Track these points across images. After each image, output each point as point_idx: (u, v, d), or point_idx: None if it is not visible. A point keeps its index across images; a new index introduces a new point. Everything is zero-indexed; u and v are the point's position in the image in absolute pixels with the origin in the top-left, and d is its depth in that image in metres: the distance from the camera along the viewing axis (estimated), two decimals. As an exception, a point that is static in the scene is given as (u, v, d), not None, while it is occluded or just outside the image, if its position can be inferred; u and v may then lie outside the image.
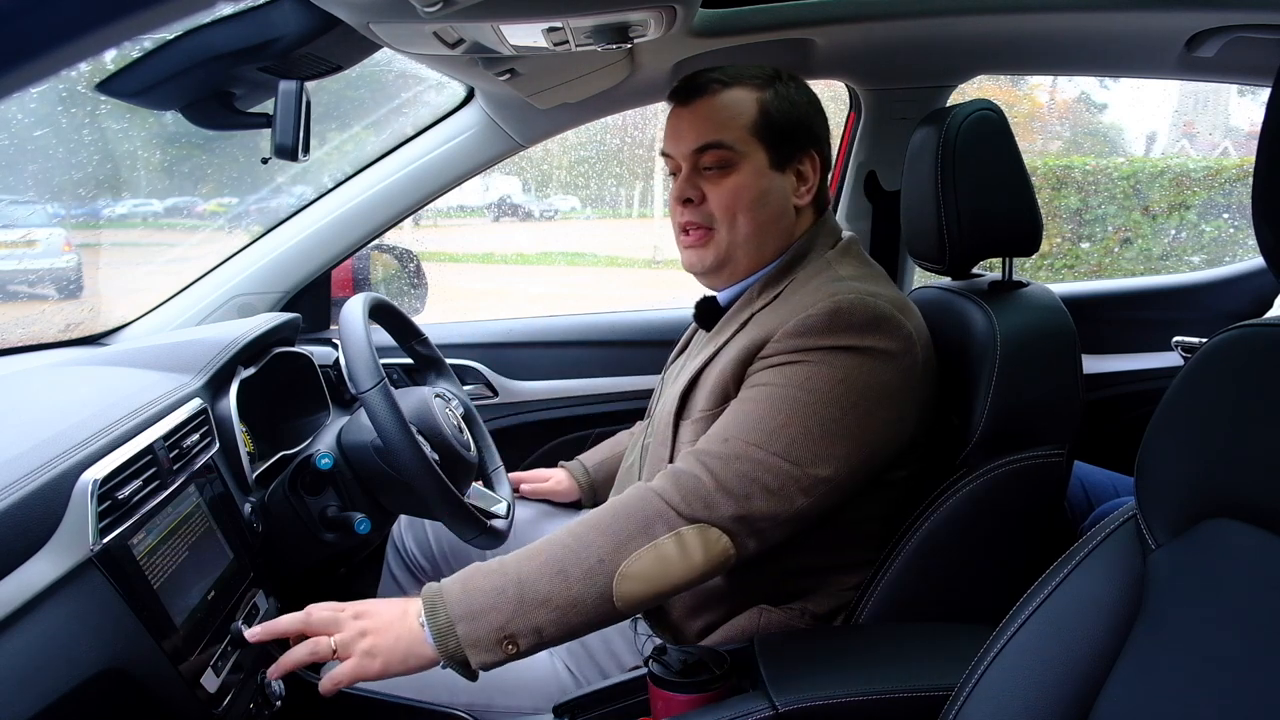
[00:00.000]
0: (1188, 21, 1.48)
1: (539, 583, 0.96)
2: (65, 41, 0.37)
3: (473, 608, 0.95)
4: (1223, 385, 0.64)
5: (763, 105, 1.15)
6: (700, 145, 1.15)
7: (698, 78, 1.17)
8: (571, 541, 0.99)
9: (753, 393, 1.06)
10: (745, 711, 0.94)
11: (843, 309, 1.05)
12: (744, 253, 1.17)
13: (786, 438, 1.01)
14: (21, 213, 2.91)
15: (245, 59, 1.08)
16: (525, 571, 0.97)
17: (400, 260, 2.13)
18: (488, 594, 0.96)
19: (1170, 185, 4.96)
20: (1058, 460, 1.13)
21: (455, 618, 0.95)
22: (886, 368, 1.06)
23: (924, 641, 1.06)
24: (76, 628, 0.81)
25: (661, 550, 0.98)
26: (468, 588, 0.97)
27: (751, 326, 1.13)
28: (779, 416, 1.02)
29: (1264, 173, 0.64)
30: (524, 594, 0.95)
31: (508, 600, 0.95)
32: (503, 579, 0.97)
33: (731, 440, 1.02)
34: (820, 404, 1.02)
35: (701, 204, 1.16)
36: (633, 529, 0.98)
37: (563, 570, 0.96)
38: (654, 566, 0.98)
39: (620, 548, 0.97)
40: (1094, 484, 1.66)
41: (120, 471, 0.91)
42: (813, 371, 1.03)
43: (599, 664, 1.22)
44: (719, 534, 0.99)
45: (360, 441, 1.25)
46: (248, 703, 1.08)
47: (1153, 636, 0.65)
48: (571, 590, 0.96)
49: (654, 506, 0.99)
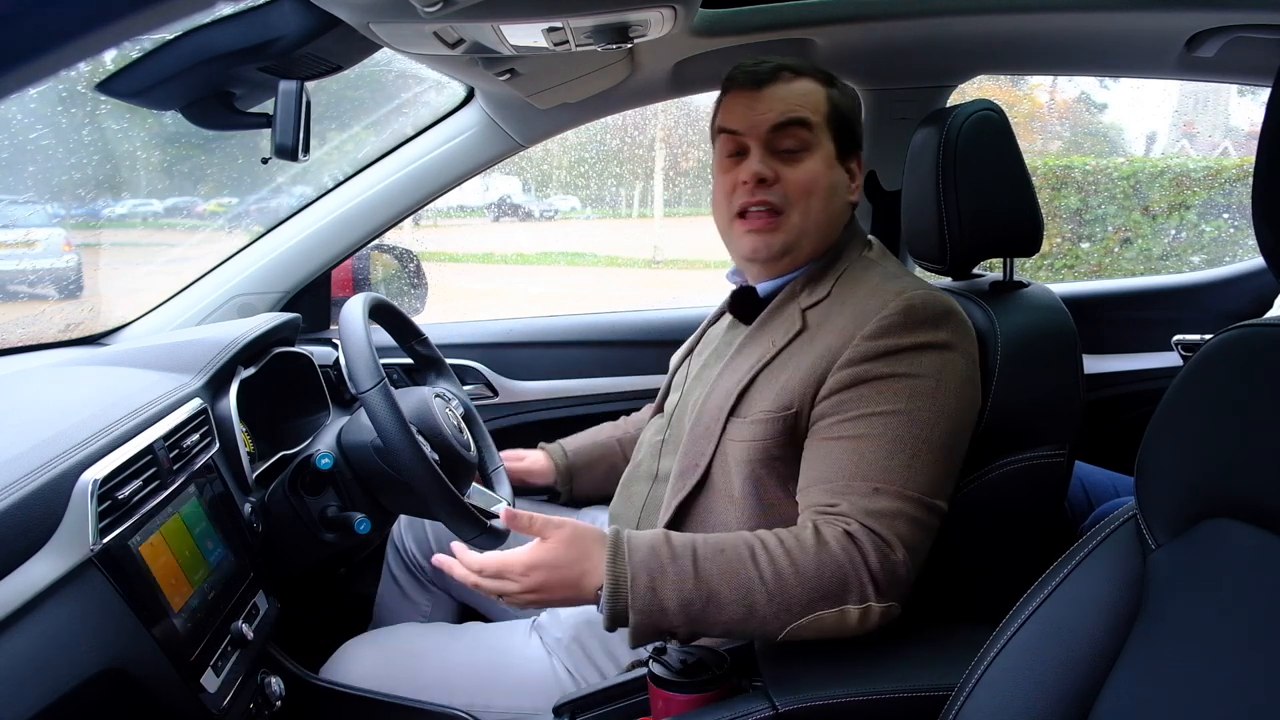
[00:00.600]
0: (1188, 21, 1.48)
1: (725, 608, 0.96)
2: (65, 41, 0.37)
3: (653, 607, 0.95)
4: (1223, 385, 0.64)
5: (831, 98, 1.18)
6: (783, 120, 1.14)
7: (765, 64, 1.17)
8: (771, 578, 0.96)
9: (866, 426, 1.03)
10: (745, 711, 0.93)
11: (916, 305, 1.07)
12: (809, 240, 1.17)
13: (920, 469, 1.01)
14: (21, 213, 2.91)
15: (245, 59, 1.08)
16: (716, 592, 0.96)
17: (400, 260, 2.13)
18: (673, 601, 0.96)
19: (1170, 185, 4.96)
20: (1058, 460, 1.13)
21: (635, 609, 0.95)
22: (961, 359, 1.08)
23: (924, 641, 1.06)
24: (76, 628, 0.81)
25: (846, 616, 0.97)
26: (655, 585, 0.96)
27: (816, 331, 1.12)
28: (907, 448, 1.01)
29: (1264, 173, 0.64)
30: (706, 614, 0.96)
31: (689, 615, 0.96)
32: (694, 593, 0.96)
33: (883, 490, 1.00)
34: (933, 421, 1.03)
35: (775, 184, 1.15)
36: (829, 589, 0.96)
37: (751, 606, 0.96)
38: (832, 628, 0.97)
39: (813, 604, 0.96)
40: (1094, 484, 1.66)
41: (120, 471, 0.91)
42: (912, 385, 1.04)
43: (598, 664, 1.22)
44: (897, 606, 0.99)
45: (360, 441, 1.25)
46: (248, 703, 1.08)
47: (1153, 636, 0.65)
48: (750, 625, 0.97)
49: (857, 575, 0.97)
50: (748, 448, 1.10)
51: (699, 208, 5.90)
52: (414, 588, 1.55)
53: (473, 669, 1.23)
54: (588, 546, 1.00)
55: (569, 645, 1.22)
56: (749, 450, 1.10)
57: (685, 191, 6.13)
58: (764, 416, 1.10)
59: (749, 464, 1.10)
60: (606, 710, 1.06)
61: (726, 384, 1.16)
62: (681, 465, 1.17)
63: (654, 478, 1.26)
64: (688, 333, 1.45)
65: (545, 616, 1.28)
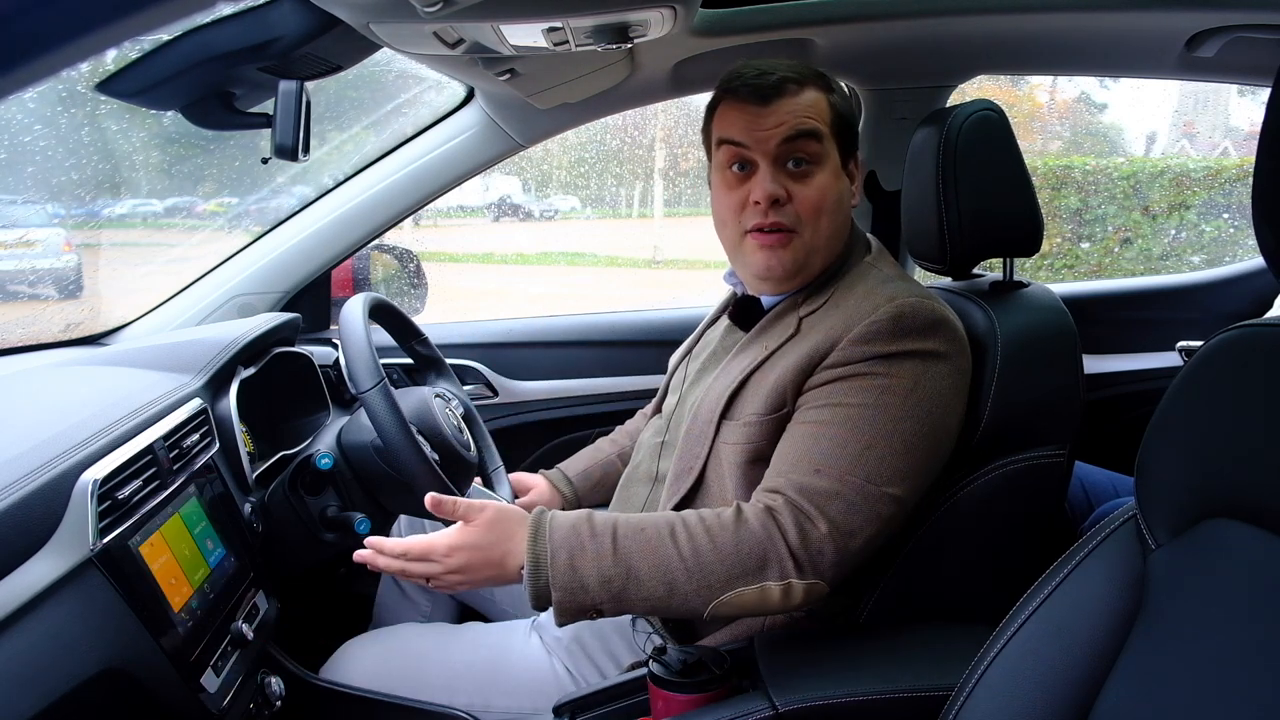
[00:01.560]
0: (1188, 21, 1.48)
1: (645, 585, 0.98)
2: (65, 41, 0.36)
3: (573, 585, 0.98)
4: (1223, 385, 0.64)
5: (833, 104, 1.15)
6: (794, 134, 1.10)
7: (770, 75, 1.12)
8: (689, 555, 0.99)
9: (829, 414, 1.04)
10: (745, 711, 0.94)
11: (905, 313, 1.05)
12: (819, 257, 1.15)
13: (873, 459, 1.01)
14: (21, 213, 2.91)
15: (245, 59, 1.08)
16: (635, 569, 0.98)
17: (400, 260, 2.13)
18: (593, 578, 0.98)
19: (1170, 185, 4.96)
20: (1058, 460, 1.13)
21: (556, 585, 0.98)
22: (949, 370, 1.07)
23: (924, 641, 1.06)
24: (76, 628, 0.81)
25: (768, 593, 0.98)
26: (574, 563, 0.98)
27: (807, 333, 1.11)
28: (863, 438, 1.02)
29: (1264, 173, 0.64)
30: (627, 590, 0.98)
31: (610, 592, 0.98)
32: (613, 570, 0.98)
33: (824, 472, 1.01)
34: (899, 419, 1.02)
35: (787, 204, 1.12)
36: (750, 566, 0.98)
37: (672, 584, 0.98)
38: (755, 604, 0.99)
39: (732, 581, 0.98)
40: (1094, 484, 1.66)
41: (120, 471, 0.91)
42: (886, 384, 1.03)
43: (598, 664, 1.22)
44: (823, 585, 1.00)
45: (360, 441, 1.25)
46: (248, 703, 1.08)
47: (1153, 636, 0.65)
48: (673, 602, 0.99)
49: (775, 550, 0.98)
50: (740, 450, 1.10)
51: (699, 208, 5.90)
52: (414, 588, 1.54)
53: (473, 669, 1.23)
54: (510, 528, 1.02)
55: (569, 645, 1.22)
56: (741, 452, 1.10)
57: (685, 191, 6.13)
58: (755, 419, 1.10)
59: (742, 466, 1.10)
60: (606, 710, 1.06)
61: (719, 387, 1.16)
62: (677, 468, 1.18)
63: (653, 479, 1.26)
64: (687, 333, 1.45)
65: (545, 616, 1.28)
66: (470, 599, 1.54)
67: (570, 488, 1.49)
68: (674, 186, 6.16)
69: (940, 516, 1.12)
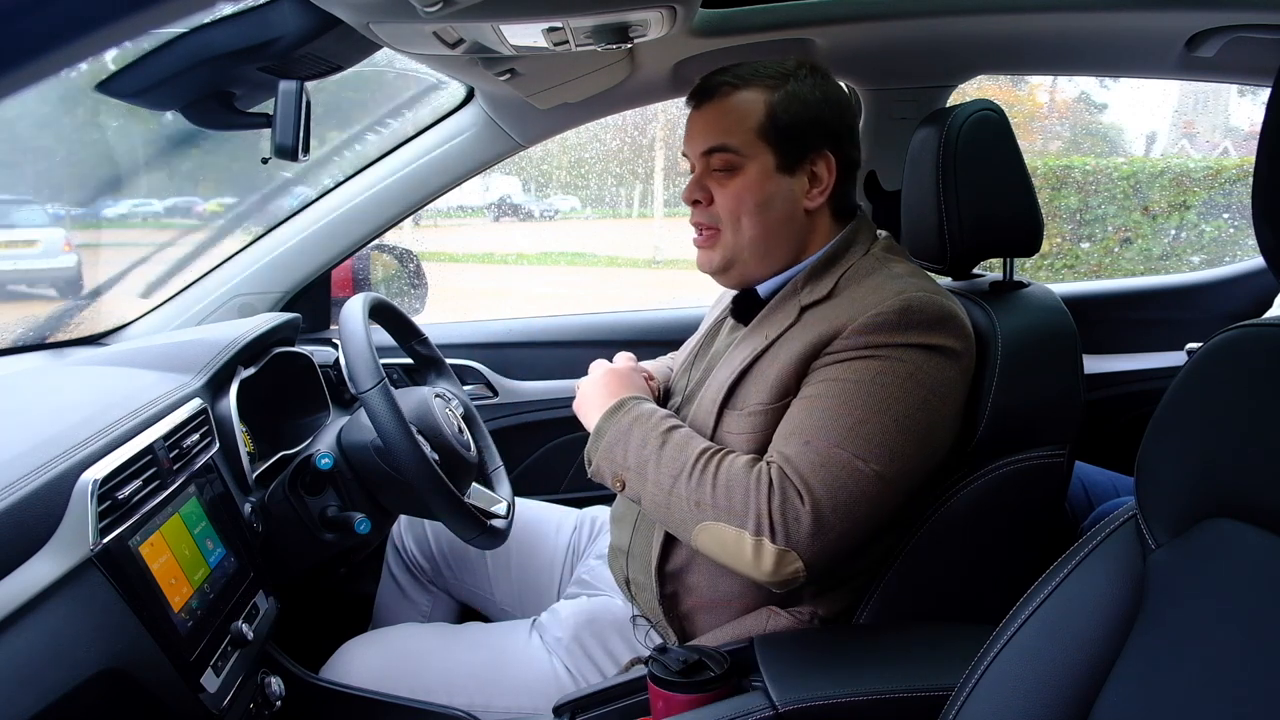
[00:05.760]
0: (1188, 21, 1.48)
1: (657, 473, 1.09)
2: (65, 41, 0.36)
3: (614, 443, 1.15)
4: (1223, 385, 0.64)
5: (770, 107, 1.14)
6: (707, 148, 1.16)
7: (712, 79, 1.17)
8: (696, 471, 1.06)
9: (824, 388, 1.06)
10: (745, 711, 0.94)
11: (914, 306, 1.06)
12: (750, 255, 1.17)
13: (864, 435, 1.02)
14: (21, 213, 2.92)
15: (245, 59, 1.08)
16: (660, 455, 1.10)
17: (400, 260, 2.13)
18: (629, 447, 1.13)
19: (1170, 185, 4.97)
20: (1058, 460, 1.13)
21: (602, 435, 1.16)
22: (952, 366, 1.07)
23: (924, 641, 1.06)
24: (76, 628, 0.81)
25: (742, 542, 1.02)
26: (624, 431, 1.14)
27: (811, 321, 1.11)
28: (855, 413, 1.03)
29: (1264, 173, 0.64)
30: (644, 470, 1.10)
31: (633, 464, 1.12)
32: (646, 448, 1.11)
33: (813, 443, 1.02)
34: (894, 399, 1.03)
35: (709, 205, 1.17)
36: (736, 506, 1.02)
37: (675, 480, 1.08)
38: (729, 547, 1.03)
39: (719, 511, 1.04)
40: (1094, 484, 1.66)
41: (120, 471, 0.91)
42: (885, 367, 1.04)
43: (598, 664, 1.22)
44: (795, 558, 1.00)
45: (360, 441, 1.25)
46: (248, 703, 1.08)
47: (1153, 636, 0.65)
48: (670, 500, 1.08)
49: (760, 504, 1.01)
50: (746, 439, 1.10)
51: (699, 208, 5.88)
52: (414, 588, 1.55)
53: (473, 669, 1.23)
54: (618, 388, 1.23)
55: (569, 645, 1.23)
56: (746, 442, 1.10)
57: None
58: (759, 409, 1.10)
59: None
60: (606, 710, 1.06)
61: (721, 377, 1.16)
62: None
63: None
64: (687, 333, 1.44)
65: (545, 616, 1.28)
66: (470, 599, 1.54)
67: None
68: (674, 186, 6.16)
69: (940, 516, 1.12)
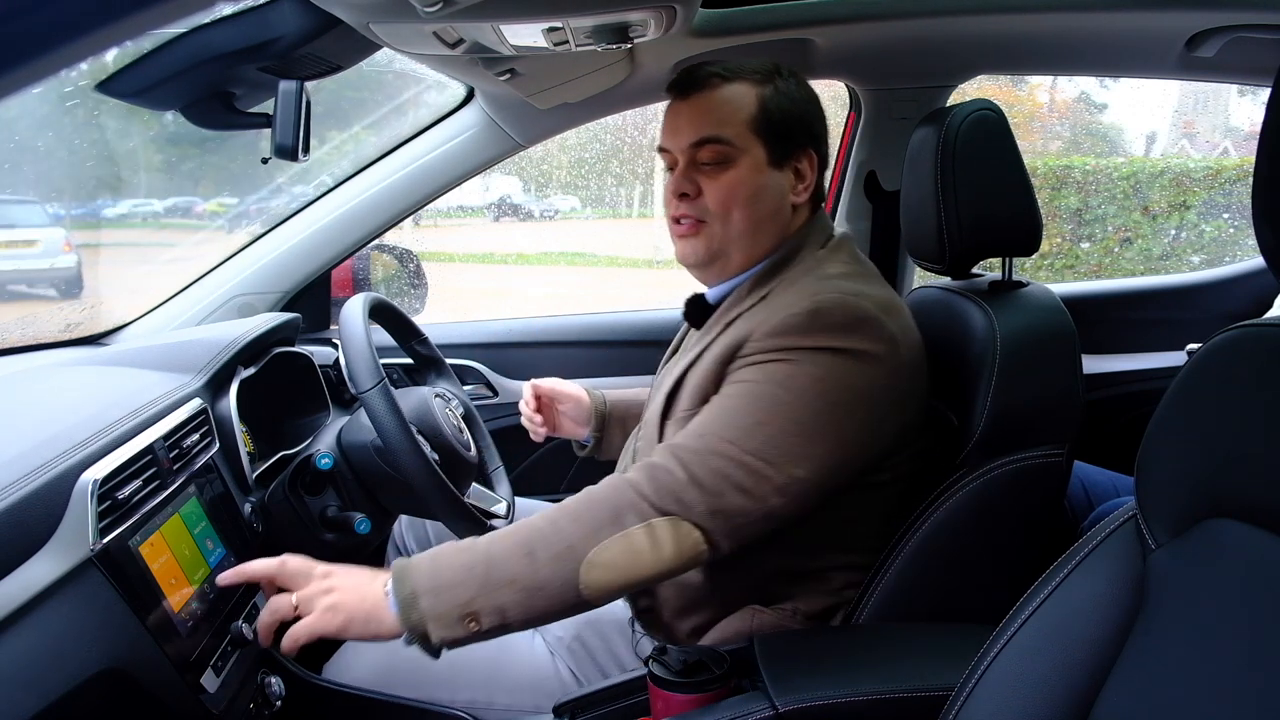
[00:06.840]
0: (1188, 21, 1.48)
1: (507, 563, 0.95)
2: (65, 41, 0.36)
3: (439, 582, 0.95)
4: (1222, 385, 0.64)
5: (763, 101, 1.13)
6: (698, 139, 1.13)
7: (697, 71, 1.15)
8: (544, 525, 0.98)
9: (731, 389, 1.05)
10: (745, 711, 0.94)
11: (823, 309, 1.04)
12: (737, 248, 1.15)
13: (762, 435, 1.00)
14: (21, 213, 2.92)
15: (245, 59, 1.08)
16: (495, 551, 0.97)
17: (400, 260, 2.13)
18: (455, 570, 0.95)
19: (1170, 185, 4.97)
20: (1058, 460, 1.13)
21: (420, 590, 0.94)
22: (868, 369, 1.04)
23: (924, 641, 1.06)
24: (76, 628, 0.81)
25: (632, 540, 0.97)
26: (437, 562, 0.97)
27: (736, 325, 1.11)
28: (755, 414, 1.01)
29: (1264, 173, 0.64)
30: (491, 573, 0.95)
31: (474, 577, 0.95)
32: (471, 556, 0.96)
33: (707, 436, 1.01)
34: (798, 403, 1.01)
35: (697, 199, 1.14)
36: (604, 517, 0.97)
37: (531, 552, 0.96)
38: (623, 556, 0.97)
39: (591, 535, 0.97)
40: (1094, 484, 1.66)
41: (120, 471, 0.91)
42: (792, 370, 1.02)
43: (599, 664, 1.22)
44: (690, 528, 0.98)
45: (360, 441, 1.25)
46: (248, 703, 1.08)
47: (1153, 636, 0.65)
48: (539, 573, 0.95)
49: (626, 497, 0.99)
50: None
51: (699, 208, 5.88)
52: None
53: (473, 668, 1.23)
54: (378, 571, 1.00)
55: (570, 644, 1.23)
56: None
57: (685, 191, 6.12)
58: (685, 414, 1.11)
59: None
60: (606, 710, 1.06)
61: (664, 388, 1.17)
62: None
63: None
64: (687, 333, 1.44)
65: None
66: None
67: (604, 406, 1.47)
68: (674, 187, 6.14)
69: (940, 516, 1.12)
